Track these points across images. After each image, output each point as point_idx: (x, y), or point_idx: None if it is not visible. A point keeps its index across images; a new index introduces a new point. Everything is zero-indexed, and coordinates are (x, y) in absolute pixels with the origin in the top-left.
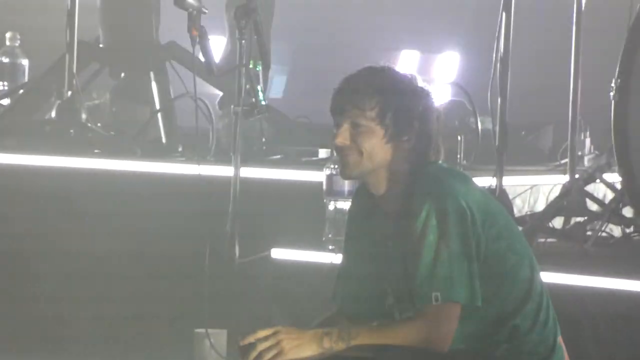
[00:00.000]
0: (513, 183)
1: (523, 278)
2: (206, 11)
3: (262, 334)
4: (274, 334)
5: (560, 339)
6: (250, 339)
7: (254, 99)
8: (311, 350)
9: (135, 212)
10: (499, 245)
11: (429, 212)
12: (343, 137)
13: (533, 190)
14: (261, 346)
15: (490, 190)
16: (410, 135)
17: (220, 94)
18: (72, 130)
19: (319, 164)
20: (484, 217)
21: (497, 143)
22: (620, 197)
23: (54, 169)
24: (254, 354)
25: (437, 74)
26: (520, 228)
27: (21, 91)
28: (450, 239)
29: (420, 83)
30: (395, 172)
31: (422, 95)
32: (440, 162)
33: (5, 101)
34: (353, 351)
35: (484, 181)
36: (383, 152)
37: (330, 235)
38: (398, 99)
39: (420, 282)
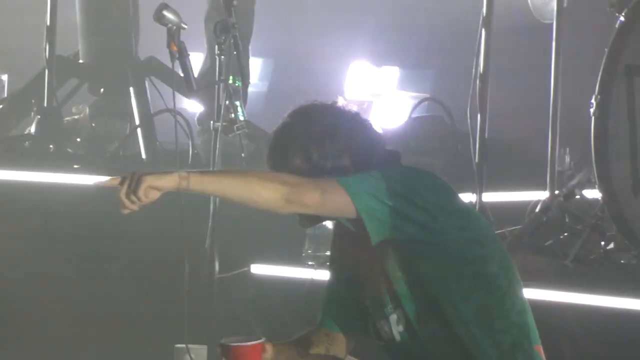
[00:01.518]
0: (493, 199)
1: (489, 271)
2: (185, 27)
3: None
4: (132, 173)
5: (539, 347)
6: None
7: (233, 115)
8: (171, 180)
9: (114, 229)
10: (455, 225)
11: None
12: None
13: (512, 206)
14: (123, 190)
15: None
16: (345, 160)
17: (201, 109)
18: (51, 146)
19: None
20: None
21: (476, 158)
22: (600, 213)
23: (32, 184)
24: (128, 182)
25: (415, 89)
26: None
27: (0, 106)
28: (393, 180)
29: (345, 107)
30: None
31: (345, 118)
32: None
33: None
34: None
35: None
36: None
37: (309, 251)
38: (321, 136)
39: None
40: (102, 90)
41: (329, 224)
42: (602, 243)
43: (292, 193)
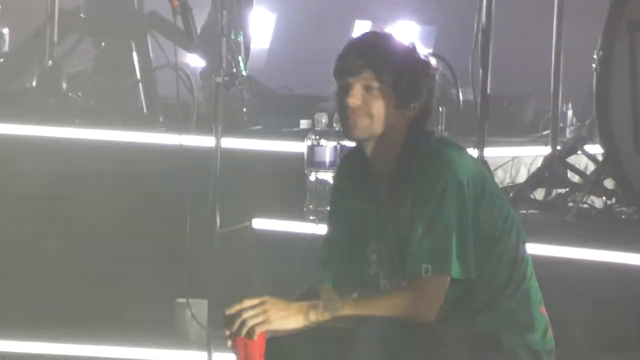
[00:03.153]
0: (494, 154)
1: (510, 246)
2: None
3: (248, 303)
4: (261, 303)
5: (543, 309)
6: (237, 307)
7: (235, 70)
8: (297, 322)
9: (116, 183)
10: (491, 213)
11: (427, 186)
12: (356, 98)
13: (514, 161)
14: (247, 314)
15: None
16: (416, 105)
17: (202, 64)
18: (53, 100)
19: (301, 135)
20: (478, 188)
21: (478, 114)
22: (602, 169)
23: (34, 138)
24: (239, 321)
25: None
26: None
27: (1, 60)
28: (446, 212)
29: (424, 56)
30: (395, 139)
31: (429, 67)
32: (434, 133)
33: None
34: (336, 322)
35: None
36: (390, 118)
37: (311, 206)
38: (412, 67)
39: (412, 252)
40: (103, 44)
41: (329, 179)
42: (604, 198)
43: (412, 318)
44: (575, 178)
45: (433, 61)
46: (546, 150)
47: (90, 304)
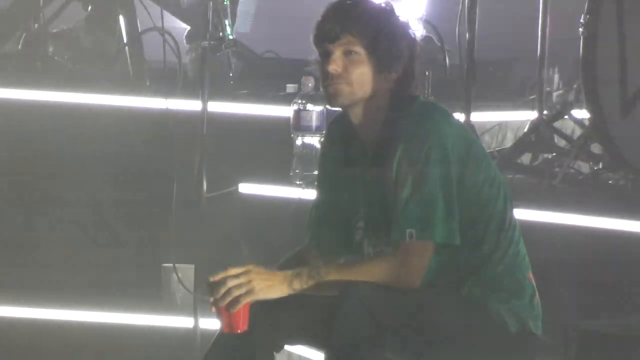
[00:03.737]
0: (481, 119)
1: (497, 210)
2: None
3: (233, 272)
4: (245, 272)
5: (530, 275)
6: (221, 275)
7: (221, 34)
8: (281, 291)
9: (102, 147)
10: (477, 178)
11: (412, 152)
12: (337, 65)
13: (501, 126)
14: (231, 283)
15: None
16: (397, 68)
17: (188, 27)
18: (38, 63)
19: (287, 99)
20: (463, 152)
21: (464, 78)
22: (588, 134)
23: (20, 102)
24: (224, 289)
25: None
26: None
27: None
28: (430, 177)
29: (403, 18)
30: (378, 105)
31: (408, 29)
32: (420, 97)
33: None
34: (320, 289)
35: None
36: (372, 82)
37: (297, 171)
38: (391, 30)
39: (396, 218)
40: (89, 7)
41: (316, 144)
42: (590, 163)
43: (396, 284)
44: (562, 143)
45: (414, 23)
46: (533, 114)
47: (76, 268)
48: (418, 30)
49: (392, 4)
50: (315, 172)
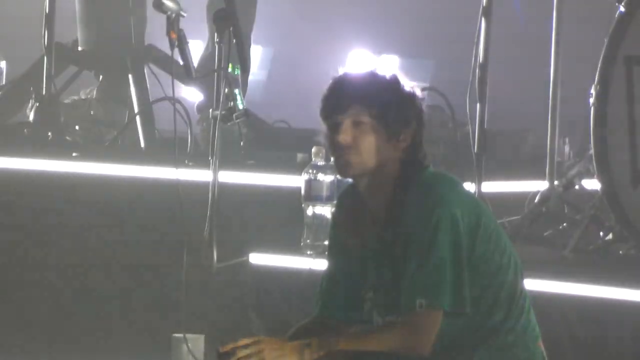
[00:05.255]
0: (492, 189)
1: (508, 280)
2: (185, 15)
3: (243, 342)
4: (255, 343)
5: (540, 344)
6: (231, 346)
7: (232, 103)
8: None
9: (113, 216)
10: (487, 247)
11: (421, 221)
12: (346, 135)
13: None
14: (241, 353)
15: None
16: (406, 136)
17: (200, 97)
18: (50, 133)
19: (298, 169)
20: (473, 221)
21: (475, 148)
22: (599, 204)
23: (31, 172)
24: None
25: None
26: None
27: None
28: (439, 246)
29: (409, 87)
30: (388, 174)
31: (415, 98)
32: (430, 167)
33: None
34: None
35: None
36: (381, 152)
37: (308, 241)
38: (398, 98)
39: (406, 287)
40: (100, 77)
41: (327, 214)
42: (601, 234)
43: (406, 353)
44: (572, 213)
45: (420, 92)
46: (544, 185)
47: (87, 337)
48: (424, 99)
49: (397, 75)
50: (326, 242)
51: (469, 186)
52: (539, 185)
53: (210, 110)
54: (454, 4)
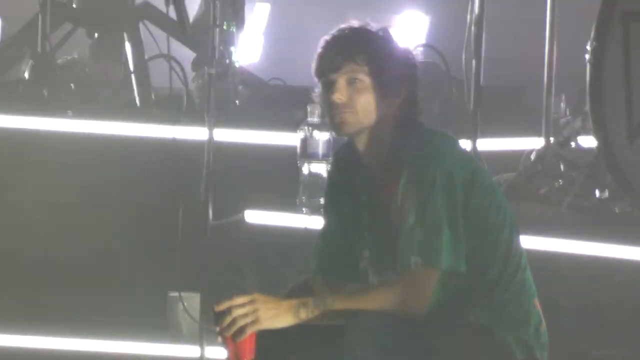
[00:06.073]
0: (487, 147)
1: (503, 237)
2: None
3: (238, 300)
4: (251, 301)
5: (536, 302)
6: (226, 304)
7: (227, 61)
8: (287, 320)
9: (108, 175)
10: (482, 204)
11: (417, 179)
12: (341, 94)
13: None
14: (236, 312)
15: None
16: (401, 93)
17: (194, 54)
18: (44, 91)
19: (293, 126)
20: (469, 179)
21: (471, 105)
22: (595, 161)
23: (26, 131)
24: (229, 319)
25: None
26: None
27: None
28: (435, 205)
29: (402, 44)
30: (384, 131)
31: (410, 55)
32: (425, 124)
33: None
34: (327, 318)
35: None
36: (376, 109)
37: (304, 198)
38: (393, 55)
39: (401, 245)
40: (96, 35)
41: (323, 171)
42: (597, 191)
43: (402, 311)
44: (568, 170)
45: (414, 49)
46: (540, 142)
47: (82, 297)
48: (418, 56)
49: (389, 31)
50: (322, 200)
51: (465, 143)
52: (534, 143)
53: (206, 67)
54: None
